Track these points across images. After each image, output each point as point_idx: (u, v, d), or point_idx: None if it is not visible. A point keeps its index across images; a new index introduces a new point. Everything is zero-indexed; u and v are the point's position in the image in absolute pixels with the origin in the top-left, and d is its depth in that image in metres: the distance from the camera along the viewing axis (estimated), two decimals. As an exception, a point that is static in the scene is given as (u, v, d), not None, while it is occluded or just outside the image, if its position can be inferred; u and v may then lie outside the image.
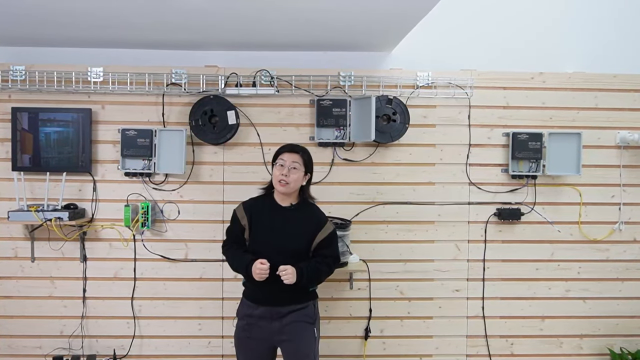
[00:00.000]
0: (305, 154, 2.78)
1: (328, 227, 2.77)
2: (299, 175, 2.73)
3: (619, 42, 3.65)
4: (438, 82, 3.50)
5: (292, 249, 2.70)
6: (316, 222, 2.77)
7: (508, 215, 3.52)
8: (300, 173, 2.74)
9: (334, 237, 2.80)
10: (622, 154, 3.59)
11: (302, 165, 2.74)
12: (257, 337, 2.74)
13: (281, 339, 2.73)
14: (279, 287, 2.64)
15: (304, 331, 2.74)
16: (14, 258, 3.50)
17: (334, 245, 2.81)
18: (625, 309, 3.63)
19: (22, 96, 3.45)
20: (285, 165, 2.71)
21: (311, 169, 2.81)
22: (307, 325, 2.76)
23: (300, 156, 2.75)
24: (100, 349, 3.53)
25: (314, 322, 2.79)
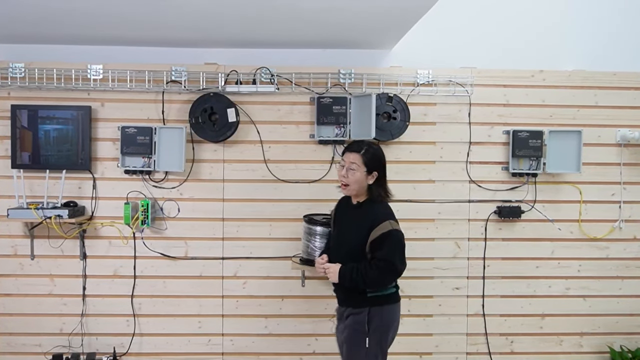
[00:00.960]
0: (367, 154, 2.63)
1: (383, 226, 2.55)
2: (359, 176, 2.63)
3: (619, 40, 3.65)
4: (438, 80, 3.50)
5: (346, 248, 2.67)
6: (371, 221, 2.59)
7: (508, 213, 3.52)
8: (360, 173, 2.62)
9: (387, 238, 2.54)
10: (623, 152, 3.59)
11: (361, 165, 2.62)
12: (337, 332, 2.82)
13: (342, 340, 2.73)
14: (339, 288, 2.70)
15: (354, 338, 2.64)
16: (13, 256, 3.49)
17: (385, 247, 2.54)
18: (625, 307, 3.64)
19: (21, 93, 3.45)
20: (344, 166, 2.66)
21: (377, 167, 2.64)
22: (358, 332, 2.62)
23: (360, 156, 2.63)
24: (100, 347, 3.52)
25: (366, 330, 2.60)
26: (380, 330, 2.61)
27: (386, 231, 2.54)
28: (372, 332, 2.60)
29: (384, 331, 2.63)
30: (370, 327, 2.60)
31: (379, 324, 2.61)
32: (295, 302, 3.56)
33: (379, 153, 2.69)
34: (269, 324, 3.56)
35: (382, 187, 2.68)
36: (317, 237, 3.22)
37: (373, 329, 2.60)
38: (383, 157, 2.70)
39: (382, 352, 2.64)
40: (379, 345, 2.62)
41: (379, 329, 2.61)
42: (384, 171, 2.69)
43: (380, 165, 2.67)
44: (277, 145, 3.53)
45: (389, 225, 2.56)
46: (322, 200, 3.52)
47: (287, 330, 3.56)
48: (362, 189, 2.67)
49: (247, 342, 3.56)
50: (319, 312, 3.56)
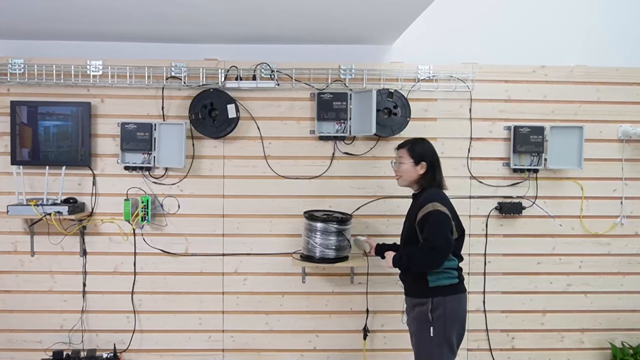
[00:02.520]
0: (412, 147, 2.81)
1: (426, 207, 2.65)
2: (407, 167, 2.80)
3: (622, 35, 3.63)
4: (439, 76, 3.49)
5: (404, 237, 2.86)
6: (420, 205, 2.70)
7: (509, 209, 3.51)
8: (408, 164, 2.80)
9: (428, 218, 2.62)
10: (624, 148, 3.58)
11: (407, 157, 2.80)
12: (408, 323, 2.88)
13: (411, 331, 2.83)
14: (404, 278, 2.86)
15: (420, 328, 2.73)
16: (13, 252, 3.49)
17: (427, 227, 2.63)
18: (627, 304, 3.63)
19: (21, 90, 3.44)
20: (396, 162, 2.88)
21: (425, 157, 2.79)
22: (423, 322, 2.69)
23: (406, 150, 2.82)
24: (101, 344, 3.52)
25: (430, 320, 2.66)
26: (443, 320, 2.66)
27: (427, 212, 2.64)
28: (436, 321, 2.65)
29: (448, 321, 2.67)
30: (434, 316, 2.66)
31: (443, 314, 2.66)
32: (295, 298, 3.55)
33: (426, 145, 2.84)
34: (270, 321, 3.56)
35: (434, 176, 2.80)
36: (317, 234, 3.22)
37: (436, 317, 2.66)
38: (431, 149, 2.83)
39: (447, 343, 2.67)
40: (443, 335, 2.66)
41: (442, 318, 2.65)
42: (434, 161, 2.81)
43: (428, 155, 2.80)
44: (278, 141, 3.52)
45: (432, 206, 2.65)
46: (323, 197, 3.51)
47: (287, 327, 3.56)
48: (412, 179, 2.81)
49: (248, 338, 3.56)
50: (320, 308, 3.56)
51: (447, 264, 2.69)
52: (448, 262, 2.69)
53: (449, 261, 2.69)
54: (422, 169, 2.78)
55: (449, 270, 2.70)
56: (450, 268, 2.71)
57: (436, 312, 2.65)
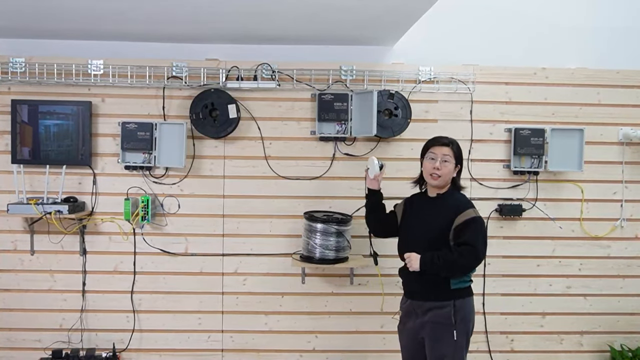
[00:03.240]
0: (454, 146, 2.74)
1: (468, 212, 2.62)
2: (451, 168, 2.71)
3: (622, 38, 3.63)
4: (440, 77, 3.49)
5: (428, 239, 2.67)
6: (456, 207, 2.65)
7: (509, 211, 3.51)
8: (452, 165, 2.71)
9: (471, 223, 2.59)
10: (625, 151, 3.58)
11: (453, 158, 2.71)
12: (408, 331, 2.77)
13: (423, 336, 2.69)
14: (418, 280, 2.67)
15: (440, 333, 2.62)
16: (13, 251, 3.49)
17: (470, 232, 2.58)
18: (626, 306, 3.63)
19: (21, 88, 3.44)
20: (437, 159, 2.69)
21: (462, 160, 2.77)
22: (444, 326, 2.61)
23: (450, 149, 2.71)
24: (100, 343, 3.52)
25: (453, 323, 2.60)
26: (465, 322, 2.64)
27: (470, 217, 2.60)
28: (459, 324, 2.61)
29: (469, 323, 2.67)
30: (457, 318, 2.61)
31: (465, 316, 2.64)
32: (295, 299, 3.55)
33: (460, 147, 2.78)
34: (269, 321, 3.56)
35: (459, 179, 2.79)
36: (317, 234, 3.22)
37: (459, 320, 2.61)
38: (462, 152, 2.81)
39: (467, 344, 2.67)
40: (465, 337, 2.64)
41: (464, 320, 2.64)
42: (462, 165, 2.80)
43: (462, 159, 2.79)
44: (278, 142, 3.52)
45: (473, 212, 2.63)
46: (323, 197, 3.51)
47: (287, 327, 3.56)
48: (448, 180, 2.74)
49: (247, 338, 3.56)
50: (319, 309, 3.56)
51: None
52: None
53: None
54: (456, 171, 2.75)
55: (468, 274, 2.69)
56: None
57: (459, 314, 2.61)
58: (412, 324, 2.73)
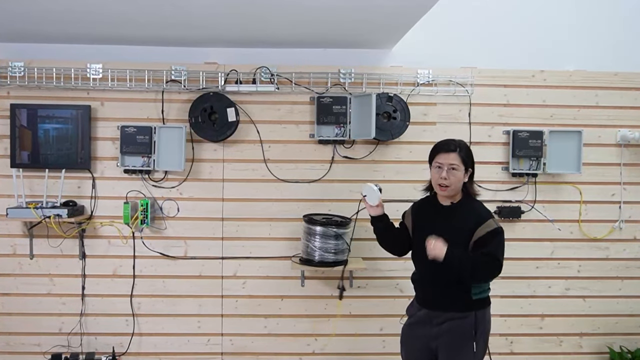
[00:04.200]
0: (462, 151, 2.55)
1: (490, 224, 2.48)
2: (459, 176, 2.53)
3: (620, 40, 3.63)
4: (438, 80, 3.49)
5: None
6: (476, 218, 2.50)
7: (508, 213, 3.51)
8: (461, 173, 2.53)
9: (495, 236, 2.47)
10: (623, 152, 3.59)
11: (461, 164, 2.53)
12: (417, 337, 2.66)
13: (437, 346, 2.58)
14: (439, 291, 2.56)
15: (459, 344, 2.52)
16: (12, 255, 3.49)
17: (494, 244, 2.46)
18: (625, 308, 3.63)
19: (21, 92, 3.44)
20: (444, 168, 2.52)
21: (472, 164, 2.58)
22: (464, 337, 2.51)
23: (457, 154, 2.53)
24: (99, 347, 3.52)
25: (473, 335, 2.50)
26: (485, 333, 2.57)
27: (492, 229, 2.47)
28: (480, 336, 2.53)
29: (486, 335, 2.59)
30: (478, 330, 2.51)
31: (485, 327, 2.57)
32: (294, 302, 3.55)
33: (470, 149, 2.62)
34: (269, 324, 3.56)
35: (474, 183, 2.64)
36: (317, 237, 3.22)
37: (480, 332, 2.52)
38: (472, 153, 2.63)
39: (484, 355, 2.60)
40: (484, 349, 2.57)
41: (485, 332, 2.56)
42: (474, 168, 2.62)
43: (473, 161, 2.61)
44: (277, 145, 3.52)
45: (494, 223, 2.50)
46: (322, 200, 3.52)
47: (286, 330, 3.56)
48: (459, 188, 2.57)
49: (247, 341, 3.56)
50: (319, 312, 3.56)
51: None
52: None
53: None
54: (467, 176, 2.57)
55: (488, 284, 2.62)
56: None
57: (480, 326, 2.52)
58: (425, 332, 2.61)
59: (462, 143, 2.61)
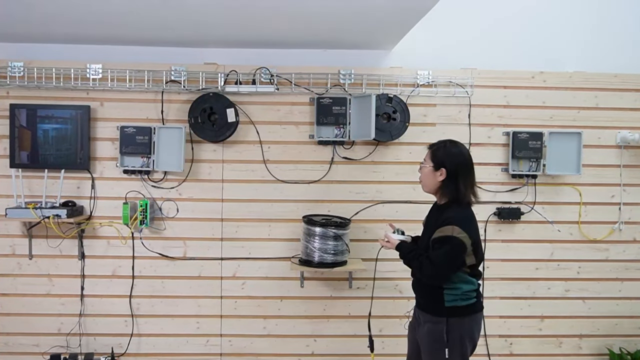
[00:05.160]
0: (435, 149, 2.57)
1: (446, 230, 2.43)
2: (427, 171, 2.57)
3: (620, 41, 3.64)
4: (438, 81, 3.49)
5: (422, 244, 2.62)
6: (441, 221, 2.47)
7: (508, 215, 3.51)
8: (427, 169, 2.56)
9: (444, 243, 2.42)
10: (623, 154, 3.59)
11: (429, 161, 2.56)
12: (412, 334, 2.75)
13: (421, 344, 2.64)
14: (420, 292, 2.65)
15: (433, 347, 2.53)
16: (11, 255, 3.48)
17: (439, 250, 2.44)
18: (625, 309, 3.63)
19: (20, 93, 3.44)
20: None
21: (444, 162, 2.51)
22: (437, 342, 2.50)
23: (430, 152, 2.59)
24: (98, 347, 3.51)
25: (445, 341, 2.48)
26: (460, 341, 2.49)
27: (445, 235, 2.43)
28: (452, 343, 2.48)
29: (465, 342, 2.51)
30: (450, 337, 2.48)
31: (459, 335, 2.49)
32: (294, 302, 3.55)
33: (453, 149, 2.55)
34: (268, 325, 3.56)
35: (457, 187, 2.51)
36: (316, 238, 3.22)
37: (452, 339, 2.48)
38: (458, 154, 2.54)
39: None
40: (460, 356, 2.51)
41: (459, 339, 2.49)
42: (458, 170, 2.51)
43: (450, 161, 2.52)
44: (277, 146, 3.52)
45: (451, 230, 2.42)
46: (322, 201, 3.51)
47: (285, 331, 3.56)
48: (432, 186, 2.57)
49: (246, 342, 3.55)
50: (318, 313, 3.55)
51: (466, 287, 2.49)
52: (466, 285, 2.50)
53: (467, 284, 2.50)
54: (442, 176, 2.52)
55: (467, 293, 2.51)
56: (469, 291, 2.51)
57: (452, 333, 2.48)
58: (416, 330, 2.70)
59: (443, 142, 2.59)
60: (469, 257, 2.46)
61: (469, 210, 2.54)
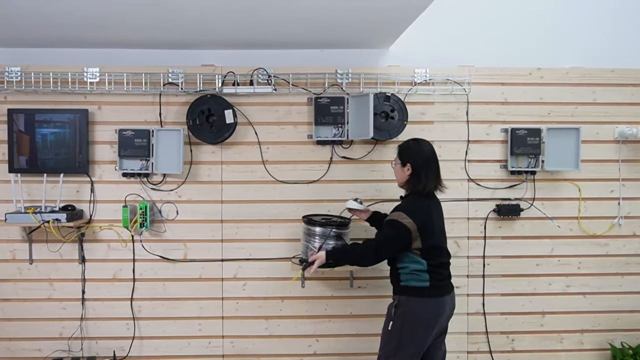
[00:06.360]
0: (401, 147, 2.90)
1: (393, 215, 2.76)
2: (397, 168, 2.88)
3: (617, 37, 3.64)
4: (436, 79, 3.50)
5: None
6: (393, 210, 2.81)
7: (507, 211, 3.51)
8: (397, 166, 2.88)
9: (389, 226, 2.75)
10: (621, 149, 3.59)
11: (397, 159, 2.88)
12: None
13: None
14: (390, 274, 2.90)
15: (386, 319, 2.84)
16: (11, 260, 3.48)
17: (383, 232, 2.81)
18: (626, 304, 3.63)
19: (18, 97, 3.44)
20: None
21: (409, 159, 2.82)
22: (388, 316, 2.83)
23: (397, 151, 2.91)
24: (100, 351, 3.51)
25: (392, 315, 2.79)
26: (403, 319, 2.74)
27: (390, 219, 2.75)
28: (396, 318, 2.76)
29: (407, 322, 2.73)
30: (395, 312, 2.77)
31: (403, 313, 2.74)
32: (295, 303, 3.55)
33: (415, 147, 2.85)
34: (270, 326, 3.56)
35: (419, 180, 2.80)
36: (316, 238, 3.21)
37: (398, 314, 2.76)
38: (420, 150, 2.83)
39: (399, 341, 2.73)
40: (400, 332, 2.73)
41: (403, 316, 2.74)
42: (420, 165, 2.80)
43: (414, 157, 2.81)
44: (275, 146, 3.52)
45: (397, 215, 2.73)
46: (321, 201, 3.51)
47: (287, 332, 3.56)
48: (402, 180, 2.87)
49: (248, 343, 3.55)
50: (319, 312, 3.56)
51: (415, 267, 2.74)
52: (415, 265, 2.74)
53: (415, 264, 2.74)
54: (408, 170, 2.82)
55: (417, 273, 2.73)
56: (419, 270, 2.73)
57: (398, 310, 2.76)
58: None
59: (407, 142, 2.91)
60: (416, 241, 2.70)
61: (422, 200, 2.81)
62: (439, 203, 2.90)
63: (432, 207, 2.82)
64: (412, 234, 2.68)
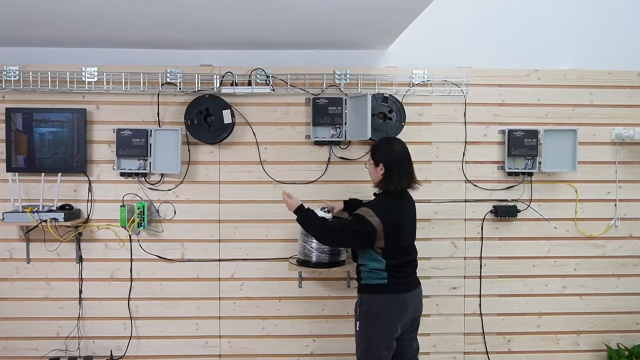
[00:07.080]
0: (373, 147, 2.92)
1: (360, 210, 2.79)
2: (371, 168, 2.89)
3: (614, 39, 3.65)
4: (434, 80, 3.50)
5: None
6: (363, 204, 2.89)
7: (504, 213, 3.52)
8: (371, 166, 2.89)
9: (355, 219, 2.77)
10: (618, 150, 3.60)
11: (370, 159, 2.89)
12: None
13: None
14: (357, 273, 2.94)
15: (354, 321, 2.89)
16: (9, 259, 3.48)
17: (349, 221, 2.84)
18: (622, 305, 3.65)
19: (16, 96, 3.44)
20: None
21: (383, 158, 2.82)
22: (355, 317, 2.88)
23: (370, 151, 2.93)
24: (97, 350, 3.51)
25: (357, 314, 2.85)
26: (367, 317, 2.79)
27: (358, 213, 2.77)
28: (361, 316, 2.82)
29: (371, 319, 2.78)
30: (359, 311, 2.83)
31: (367, 310, 2.80)
32: (292, 303, 3.56)
33: (386, 147, 2.86)
34: (267, 326, 3.56)
35: (391, 180, 2.80)
36: (313, 239, 3.21)
37: (362, 313, 2.82)
38: (391, 150, 2.83)
39: (366, 340, 2.79)
40: (366, 330, 2.79)
41: (366, 314, 2.80)
42: (392, 164, 2.80)
43: (385, 157, 2.82)
44: (273, 147, 3.52)
45: (364, 211, 2.76)
46: (319, 201, 3.50)
47: (284, 332, 3.56)
48: (376, 180, 2.87)
49: (245, 343, 3.56)
50: (317, 313, 3.56)
51: (374, 265, 2.78)
52: (373, 263, 2.78)
53: (374, 262, 2.78)
54: (382, 170, 2.82)
55: (375, 271, 2.78)
56: (377, 269, 2.77)
57: (362, 307, 2.82)
58: None
59: (379, 142, 2.93)
60: (379, 241, 2.73)
61: (394, 200, 2.82)
62: (411, 202, 2.93)
63: (402, 207, 2.84)
64: (377, 234, 2.71)
